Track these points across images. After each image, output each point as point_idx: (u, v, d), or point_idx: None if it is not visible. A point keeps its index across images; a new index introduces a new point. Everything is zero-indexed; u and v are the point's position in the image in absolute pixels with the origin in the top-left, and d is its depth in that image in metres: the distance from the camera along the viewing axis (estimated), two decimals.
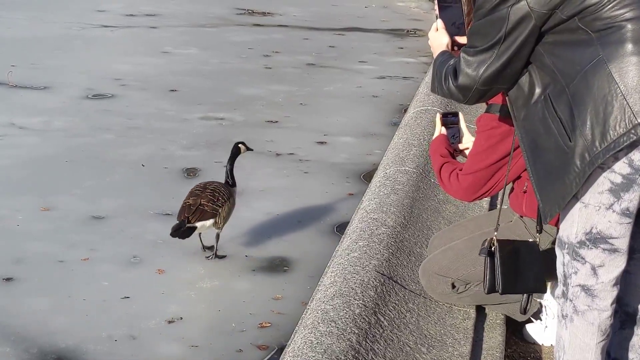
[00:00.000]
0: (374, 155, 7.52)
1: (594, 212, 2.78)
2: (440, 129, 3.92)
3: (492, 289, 3.45)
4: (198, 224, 5.41)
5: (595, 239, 2.81)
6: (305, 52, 12.03)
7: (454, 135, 3.92)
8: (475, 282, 3.81)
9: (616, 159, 2.70)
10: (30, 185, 6.78)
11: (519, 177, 3.69)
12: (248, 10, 15.27)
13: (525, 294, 3.69)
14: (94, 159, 7.45)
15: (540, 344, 3.93)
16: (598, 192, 2.76)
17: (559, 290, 2.98)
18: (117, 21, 13.78)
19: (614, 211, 2.76)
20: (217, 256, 5.60)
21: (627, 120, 2.64)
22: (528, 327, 3.98)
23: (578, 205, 2.81)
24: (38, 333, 4.70)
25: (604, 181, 2.74)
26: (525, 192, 3.67)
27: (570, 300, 2.91)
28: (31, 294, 5.13)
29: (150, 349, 4.59)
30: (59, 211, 6.29)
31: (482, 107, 3.75)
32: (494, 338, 3.80)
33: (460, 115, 3.94)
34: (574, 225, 2.84)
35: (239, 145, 5.79)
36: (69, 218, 6.17)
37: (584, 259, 2.85)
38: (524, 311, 3.71)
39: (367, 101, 9.60)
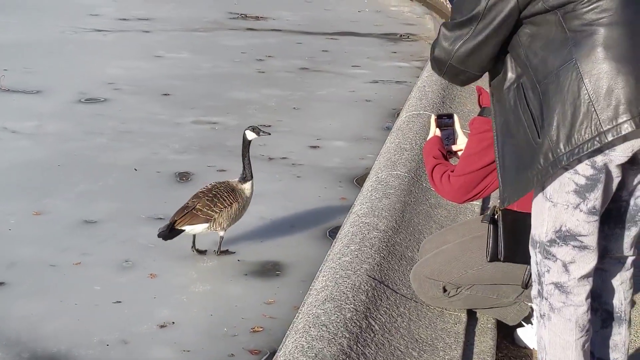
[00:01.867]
0: (367, 159, 7.53)
1: (563, 211, 2.81)
2: (434, 131, 3.93)
3: (494, 257, 3.44)
4: (186, 228, 5.42)
5: (565, 237, 2.83)
6: (298, 56, 12.05)
7: (448, 137, 3.92)
8: (467, 285, 3.81)
9: (579, 161, 2.73)
10: (23, 190, 6.77)
11: None
12: (241, 14, 15.28)
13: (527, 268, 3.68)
14: (87, 163, 7.44)
15: (531, 348, 3.93)
16: (565, 191, 2.79)
17: (534, 290, 3.00)
18: (110, 25, 13.78)
19: (581, 210, 2.79)
20: (222, 252, 5.62)
21: (593, 127, 2.67)
22: (519, 331, 3.98)
23: (547, 204, 2.85)
24: (30, 338, 4.70)
25: (569, 182, 2.78)
26: None
27: (546, 299, 2.94)
28: (23, 299, 5.12)
29: (142, 354, 4.58)
30: (51, 215, 6.28)
31: (475, 110, 3.76)
32: (485, 342, 3.81)
33: (455, 117, 3.95)
34: (544, 224, 2.88)
35: (246, 131, 5.68)
36: (61, 222, 6.16)
37: (555, 256, 2.88)
38: (526, 285, 3.68)
39: (360, 105, 9.61)
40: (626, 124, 2.65)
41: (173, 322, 4.86)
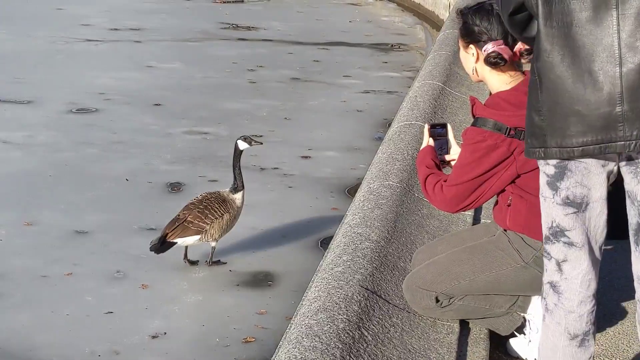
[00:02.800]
0: (359, 169, 7.53)
1: (551, 205, 2.84)
2: (427, 140, 3.93)
3: None
4: (178, 240, 5.42)
5: (556, 233, 2.85)
6: (289, 66, 12.06)
7: (442, 146, 3.92)
8: (459, 296, 3.81)
9: None
10: (13, 200, 6.76)
11: (503, 191, 3.70)
12: (232, 24, 15.30)
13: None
14: (78, 173, 7.43)
15: (524, 359, 3.93)
16: (544, 184, 2.83)
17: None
18: (102, 35, 13.77)
19: (557, 203, 2.80)
20: (213, 262, 5.62)
21: (541, 139, 2.75)
22: (512, 341, 3.98)
23: (541, 199, 2.89)
24: (21, 348, 4.69)
25: (542, 175, 2.84)
26: (509, 205, 3.67)
27: (544, 299, 2.96)
28: (14, 309, 5.10)
29: None
30: (42, 226, 6.27)
31: (468, 120, 3.77)
32: (478, 352, 3.80)
33: (449, 127, 3.95)
34: (542, 221, 2.91)
35: (238, 141, 5.72)
36: (52, 233, 6.15)
37: (549, 254, 2.90)
38: None
39: (352, 115, 9.62)
40: (569, 148, 2.71)
41: (165, 333, 4.85)
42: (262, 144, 5.99)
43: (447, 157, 3.91)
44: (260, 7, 17.50)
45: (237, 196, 5.64)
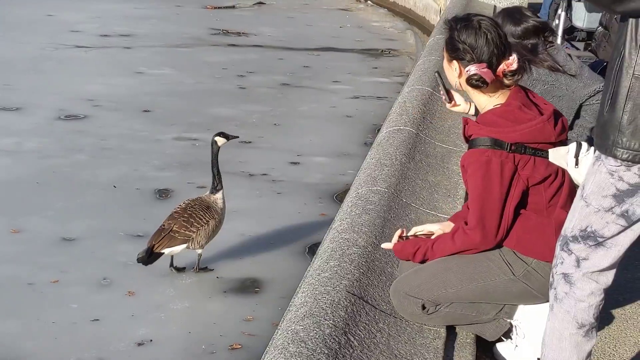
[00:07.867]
0: (348, 175, 7.51)
1: (593, 213, 2.85)
2: (396, 238, 3.91)
3: None
4: (165, 251, 5.39)
5: (587, 236, 2.88)
6: (279, 72, 12.04)
7: (445, 94, 3.89)
8: (446, 303, 3.79)
9: (628, 169, 2.73)
10: (0, 207, 6.72)
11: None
12: (223, 30, 15.28)
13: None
14: (66, 180, 7.40)
15: None
16: (602, 195, 2.81)
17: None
18: (91, 41, 13.74)
19: (613, 213, 2.81)
20: (200, 269, 5.59)
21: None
22: (498, 346, 3.96)
23: (581, 203, 2.88)
24: (6, 356, 4.65)
25: (610, 187, 2.79)
26: None
27: (554, 289, 2.99)
28: (0, 317, 5.07)
29: None
30: (29, 233, 6.24)
31: (457, 125, 3.75)
32: (464, 357, 3.78)
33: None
34: (572, 220, 2.92)
35: (216, 138, 5.75)
36: (39, 240, 6.12)
37: (571, 250, 2.93)
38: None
39: (341, 121, 9.60)
40: None
41: (151, 340, 4.83)
42: (238, 137, 5.97)
43: (449, 106, 3.90)
44: (250, 12, 17.49)
45: (219, 196, 5.61)
